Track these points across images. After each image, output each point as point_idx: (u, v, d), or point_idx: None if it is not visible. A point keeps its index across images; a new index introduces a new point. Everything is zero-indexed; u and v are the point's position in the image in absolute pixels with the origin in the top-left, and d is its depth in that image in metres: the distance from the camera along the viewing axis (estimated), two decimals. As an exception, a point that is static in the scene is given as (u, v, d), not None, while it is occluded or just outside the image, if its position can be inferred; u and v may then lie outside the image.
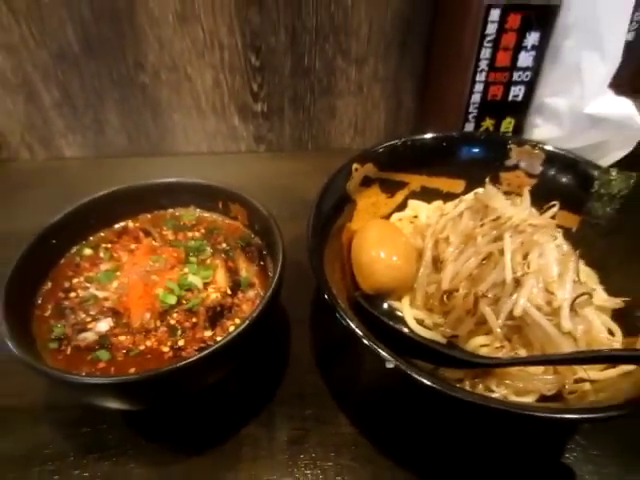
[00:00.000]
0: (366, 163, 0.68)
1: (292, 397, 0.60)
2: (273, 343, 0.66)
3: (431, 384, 0.42)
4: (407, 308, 0.59)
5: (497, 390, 0.51)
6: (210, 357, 0.46)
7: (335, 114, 1.00)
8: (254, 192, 0.88)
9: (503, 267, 0.52)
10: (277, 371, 0.63)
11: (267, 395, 0.60)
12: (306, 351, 0.65)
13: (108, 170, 0.98)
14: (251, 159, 1.03)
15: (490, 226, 0.55)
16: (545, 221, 0.55)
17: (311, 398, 0.60)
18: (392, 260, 0.59)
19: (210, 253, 0.61)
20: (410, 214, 0.71)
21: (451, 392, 0.42)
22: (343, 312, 0.48)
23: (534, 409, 0.43)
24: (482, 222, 0.56)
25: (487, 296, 0.52)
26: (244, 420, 0.58)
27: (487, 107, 0.79)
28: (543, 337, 0.51)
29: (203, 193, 0.66)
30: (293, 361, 0.64)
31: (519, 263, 0.52)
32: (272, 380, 0.62)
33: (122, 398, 0.48)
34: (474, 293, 0.52)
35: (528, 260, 0.52)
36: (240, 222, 0.65)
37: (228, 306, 0.55)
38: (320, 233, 0.59)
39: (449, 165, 0.73)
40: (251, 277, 0.58)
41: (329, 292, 0.50)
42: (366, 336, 0.46)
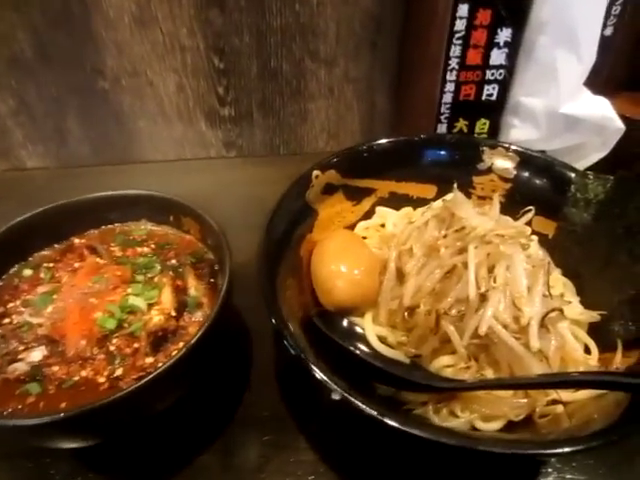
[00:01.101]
0: (328, 170, 0.64)
1: (250, 421, 0.56)
2: (231, 360, 0.62)
3: (378, 416, 0.38)
4: (369, 325, 0.55)
5: (462, 415, 0.46)
6: (146, 388, 0.42)
7: (307, 118, 0.96)
8: (223, 200, 0.86)
9: (467, 281, 0.48)
10: (235, 392, 0.59)
11: (223, 419, 0.56)
12: (267, 368, 0.61)
13: (72, 181, 0.94)
14: (221, 165, 0.99)
15: (454, 237, 0.51)
16: (514, 230, 0.51)
17: (271, 421, 0.56)
18: (353, 274, 0.55)
19: (159, 270, 0.57)
20: (377, 222, 0.67)
21: (402, 427, 0.38)
22: (290, 338, 0.44)
23: (491, 442, 0.38)
24: (445, 232, 0.52)
25: (449, 313, 0.48)
26: (198, 448, 0.54)
27: (460, 107, 0.75)
28: (510, 357, 0.47)
29: (154, 206, 0.62)
30: (253, 380, 0.60)
31: (484, 277, 0.48)
32: (229, 402, 0.58)
33: (48, 439, 0.44)
34: (436, 310, 0.48)
35: (494, 273, 0.48)
36: (193, 236, 0.61)
37: (172, 329, 0.50)
38: (275, 247, 0.55)
39: (419, 169, 0.69)
40: (200, 296, 0.54)
41: (276, 316, 0.46)
42: (314, 363, 0.42)
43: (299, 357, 0.43)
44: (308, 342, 0.48)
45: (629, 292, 0.52)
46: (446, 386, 0.45)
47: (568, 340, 0.49)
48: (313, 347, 0.47)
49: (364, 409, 0.39)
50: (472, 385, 0.45)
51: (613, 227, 0.55)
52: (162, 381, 0.43)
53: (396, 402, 0.50)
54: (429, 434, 0.37)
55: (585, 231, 0.59)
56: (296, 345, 0.44)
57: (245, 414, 0.57)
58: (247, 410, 0.57)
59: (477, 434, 0.44)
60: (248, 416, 0.57)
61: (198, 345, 0.45)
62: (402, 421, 0.39)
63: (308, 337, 0.49)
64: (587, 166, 0.70)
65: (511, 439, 0.43)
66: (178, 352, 0.44)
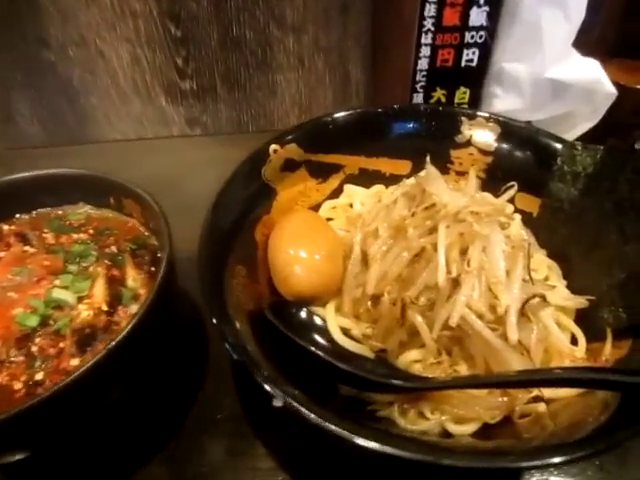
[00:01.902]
0: (288, 144, 0.58)
1: (203, 424, 0.51)
2: (183, 356, 0.56)
3: (323, 424, 0.32)
4: (331, 316, 0.49)
5: (432, 417, 0.41)
6: (64, 393, 0.36)
7: (276, 91, 0.89)
8: (187, 182, 0.79)
9: (436, 266, 0.42)
10: (187, 392, 0.53)
11: (173, 424, 0.51)
12: (224, 365, 0.55)
13: (24, 163, 0.85)
14: (185, 145, 0.92)
15: (423, 216, 0.45)
16: (490, 207, 0.45)
17: (226, 424, 0.51)
18: (313, 260, 0.49)
19: (94, 259, 0.50)
20: (345, 202, 0.61)
21: (350, 436, 0.32)
22: (232, 338, 0.38)
23: (460, 454, 0.33)
24: (413, 211, 0.45)
25: (417, 302, 0.42)
26: (143, 458, 0.48)
27: (437, 75, 0.68)
28: (486, 351, 0.41)
29: (92, 187, 0.55)
30: (208, 378, 0.55)
31: (456, 260, 0.42)
32: (180, 404, 0.52)
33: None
34: (402, 299, 0.42)
35: (468, 256, 0.42)
36: (136, 220, 0.55)
37: (103, 326, 0.44)
38: (224, 231, 0.49)
39: (391, 144, 0.63)
40: (137, 287, 0.48)
41: (216, 311, 0.40)
42: (257, 366, 0.36)
43: (242, 362, 0.37)
44: (258, 340, 0.42)
45: (619, 275, 0.46)
46: (410, 386, 0.39)
47: (552, 330, 0.44)
48: (264, 345, 0.41)
49: (308, 416, 0.33)
50: (441, 384, 0.40)
51: (602, 202, 0.49)
52: (85, 385, 0.38)
53: (360, 403, 0.44)
54: (380, 445, 0.31)
55: (572, 208, 0.53)
56: (238, 345, 0.38)
57: (198, 417, 0.51)
58: (200, 412, 0.52)
59: (444, 443, 0.38)
60: (201, 419, 0.51)
61: (127, 342, 0.39)
62: (352, 429, 0.33)
63: (258, 334, 0.43)
64: (575, 137, 0.64)
65: (486, 449, 0.37)
66: (103, 351, 0.38)
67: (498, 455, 0.34)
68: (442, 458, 0.31)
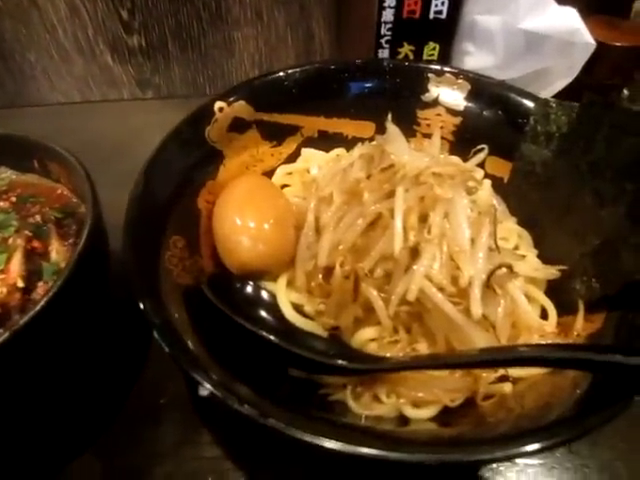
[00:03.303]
0: (236, 101, 0.52)
1: (144, 411, 0.46)
2: (123, 337, 0.51)
3: (256, 417, 0.28)
4: (282, 291, 0.44)
5: (388, 401, 0.37)
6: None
7: (233, 50, 0.82)
8: (138, 149, 0.71)
9: (393, 234, 0.37)
10: (127, 376, 0.48)
11: (110, 411, 0.46)
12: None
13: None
14: (136, 108, 0.85)
15: (380, 178, 0.40)
16: (453, 169, 0.41)
17: (169, 411, 0.46)
18: (262, 229, 0.44)
19: (14, 229, 0.44)
20: (302, 166, 0.56)
21: (284, 429, 0.28)
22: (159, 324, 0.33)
23: (416, 446, 0.29)
24: (368, 173, 0.41)
25: (371, 275, 0.37)
26: (75, 449, 0.44)
27: (403, 28, 0.63)
28: (448, 327, 0.37)
29: (13, 149, 0.49)
30: (151, 360, 0.50)
31: (414, 227, 0.37)
32: (118, 389, 0.47)
33: None
34: (354, 271, 0.37)
35: (428, 223, 0.38)
36: (64, 186, 0.49)
37: (16, 305, 0.39)
38: (159, 198, 0.43)
39: (353, 103, 0.58)
40: (61, 261, 0.42)
41: (140, 292, 0.34)
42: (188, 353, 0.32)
43: (172, 354, 0.32)
44: (193, 322, 0.37)
45: (593, 242, 0.43)
46: (363, 367, 0.35)
47: (520, 303, 0.40)
48: (201, 327, 0.37)
49: (238, 408, 0.29)
50: (398, 365, 0.36)
51: (577, 164, 0.45)
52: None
53: (311, 386, 0.40)
54: (326, 440, 0.27)
55: (545, 171, 0.49)
56: (169, 336, 0.33)
57: (138, 403, 0.47)
58: (140, 398, 0.47)
59: (398, 432, 0.34)
60: (141, 405, 0.47)
61: (39, 321, 0.34)
62: (288, 421, 0.29)
63: (195, 313, 0.38)
64: (551, 96, 0.59)
65: (449, 437, 0.33)
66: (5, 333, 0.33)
67: (459, 446, 0.30)
68: (396, 452, 0.27)
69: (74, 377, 0.45)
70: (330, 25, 0.81)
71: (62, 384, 0.44)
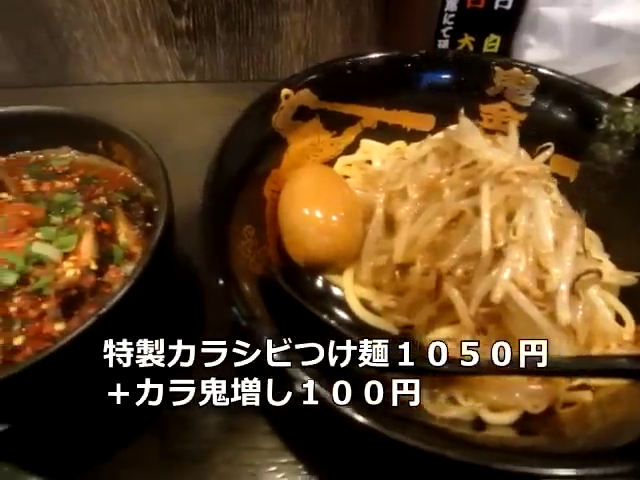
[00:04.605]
0: (301, 89, 0.51)
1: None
2: (178, 324, 0.50)
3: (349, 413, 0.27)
4: (349, 286, 0.43)
5: (464, 404, 0.36)
6: (48, 364, 0.31)
7: (280, 34, 0.80)
8: (179, 132, 0.71)
9: (479, 233, 0.36)
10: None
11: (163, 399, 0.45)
12: (222, 335, 0.50)
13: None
14: (178, 91, 0.84)
15: (462, 174, 0.39)
16: (538, 168, 0.39)
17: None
18: (330, 221, 0.44)
19: (80, 211, 0.44)
20: (362, 158, 0.55)
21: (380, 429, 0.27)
22: (241, 303, 0.32)
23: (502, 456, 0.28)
24: (451, 169, 0.40)
25: (454, 274, 0.36)
26: (130, 434, 0.43)
27: (466, 19, 0.61)
28: (531, 332, 0.36)
29: (78, 129, 0.48)
30: (204, 349, 0.49)
31: (501, 227, 0.36)
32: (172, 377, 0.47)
33: None
34: (437, 269, 0.37)
35: (514, 223, 0.37)
36: (127, 168, 0.48)
37: (90, 287, 0.38)
38: (229, 185, 0.42)
39: (414, 95, 0.56)
40: (131, 245, 0.42)
41: (223, 273, 0.34)
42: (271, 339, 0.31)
43: (251, 330, 0.32)
44: (267, 309, 0.36)
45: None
46: (448, 369, 0.34)
47: (599, 309, 0.39)
48: (274, 316, 0.36)
49: (334, 407, 0.28)
50: (482, 368, 0.35)
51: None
52: (71, 353, 0.32)
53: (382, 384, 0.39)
54: (413, 441, 0.27)
55: (617, 172, 0.48)
56: (248, 313, 0.33)
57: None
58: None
59: (480, 438, 0.34)
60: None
61: (120, 307, 0.33)
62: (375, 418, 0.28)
63: (268, 302, 0.37)
64: (620, 94, 0.58)
65: (524, 448, 0.33)
66: (93, 316, 0.33)
67: (538, 457, 0.30)
68: (484, 459, 0.27)
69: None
70: (379, 12, 0.79)
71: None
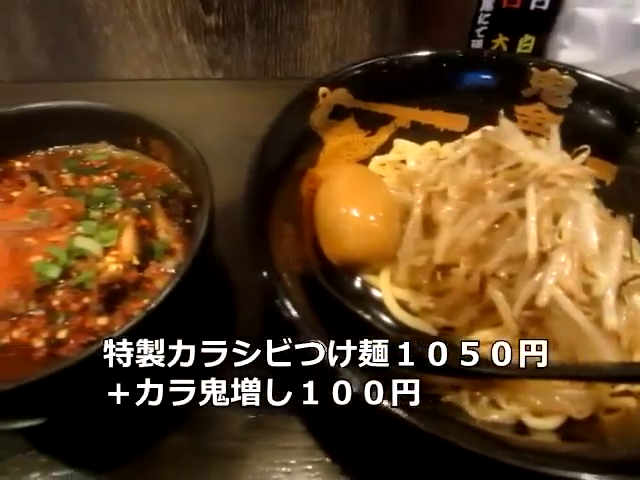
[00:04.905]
0: (338, 87, 0.51)
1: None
2: (209, 322, 0.50)
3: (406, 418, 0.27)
4: (386, 286, 0.43)
5: (507, 407, 0.36)
6: (95, 359, 0.31)
7: (308, 32, 0.80)
8: (206, 129, 0.71)
9: (524, 235, 0.36)
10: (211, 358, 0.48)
11: (196, 394, 0.45)
12: (254, 333, 0.50)
13: (25, 98, 0.78)
14: (205, 88, 0.84)
15: (506, 176, 0.39)
16: (583, 171, 0.39)
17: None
18: (368, 220, 0.43)
19: (120, 206, 0.44)
20: (396, 158, 0.55)
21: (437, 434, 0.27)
22: (286, 297, 0.32)
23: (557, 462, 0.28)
24: (494, 171, 0.39)
25: (499, 276, 0.36)
26: (163, 427, 0.43)
27: (501, 19, 0.60)
28: (575, 336, 0.36)
29: (116, 124, 0.48)
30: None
31: (548, 231, 0.36)
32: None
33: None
34: (481, 271, 0.36)
35: (559, 226, 0.37)
36: (165, 164, 0.48)
37: (133, 282, 0.39)
38: (269, 182, 0.42)
39: (448, 95, 0.56)
40: (171, 241, 0.42)
41: (268, 267, 0.34)
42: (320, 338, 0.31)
43: (293, 322, 0.32)
44: (309, 306, 0.36)
45: None
46: (489, 371, 0.34)
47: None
48: (315, 313, 0.36)
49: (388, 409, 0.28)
50: (525, 372, 0.34)
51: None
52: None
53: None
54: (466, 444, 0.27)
55: (657, 177, 0.47)
56: (292, 306, 0.33)
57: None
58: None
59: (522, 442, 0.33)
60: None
61: (166, 304, 0.34)
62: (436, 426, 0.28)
63: (308, 300, 0.37)
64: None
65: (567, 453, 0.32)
66: (140, 312, 0.33)
67: (577, 463, 0.29)
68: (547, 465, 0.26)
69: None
70: (406, 10, 0.79)
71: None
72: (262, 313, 0.51)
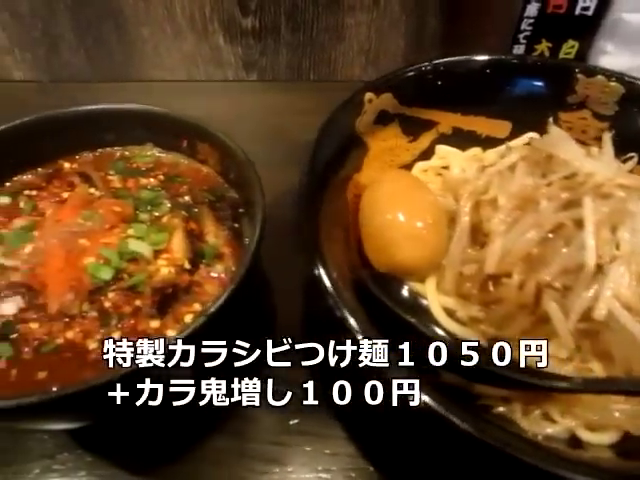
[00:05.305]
0: (384, 93, 0.50)
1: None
2: (249, 326, 0.51)
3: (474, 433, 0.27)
4: (433, 294, 0.43)
5: (561, 421, 0.36)
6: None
7: (344, 36, 0.80)
8: (239, 131, 0.71)
9: (581, 246, 0.36)
10: (253, 364, 0.48)
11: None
12: (295, 337, 0.50)
13: (64, 98, 0.79)
14: (239, 90, 0.85)
15: (561, 185, 0.39)
16: (637, 182, 0.38)
17: (297, 403, 0.46)
18: (416, 227, 0.43)
19: (168, 209, 0.45)
20: (438, 164, 0.54)
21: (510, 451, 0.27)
22: (345, 308, 0.32)
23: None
24: (549, 180, 0.39)
25: (555, 287, 0.36)
26: (209, 429, 0.44)
27: (545, 24, 0.60)
28: (632, 349, 0.35)
29: (163, 127, 0.49)
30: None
31: (606, 242, 0.36)
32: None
33: (16, 421, 0.34)
34: (537, 282, 0.36)
35: (617, 238, 0.36)
36: (211, 168, 0.48)
37: (184, 286, 0.39)
38: (317, 187, 0.42)
39: (492, 100, 0.56)
40: (220, 245, 0.42)
41: (325, 269, 0.34)
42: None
43: (345, 321, 0.32)
44: (360, 307, 0.36)
45: None
46: (561, 386, 0.33)
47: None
48: (367, 315, 0.36)
49: (455, 422, 0.28)
50: (581, 386, 0.34)
51: None
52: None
53: (465, 394, 0.39)
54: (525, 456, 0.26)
55: None
56: (346, 307, 0.33)
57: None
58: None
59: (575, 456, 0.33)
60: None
61: (221, 312, 0.34)
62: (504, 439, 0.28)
63: (358, 302, 0.37)
64: None
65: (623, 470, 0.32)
66: (196, 318, 0.33)
67: None
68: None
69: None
70: (442, 15, 0.78)
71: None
72: (302, 314, 0.51)
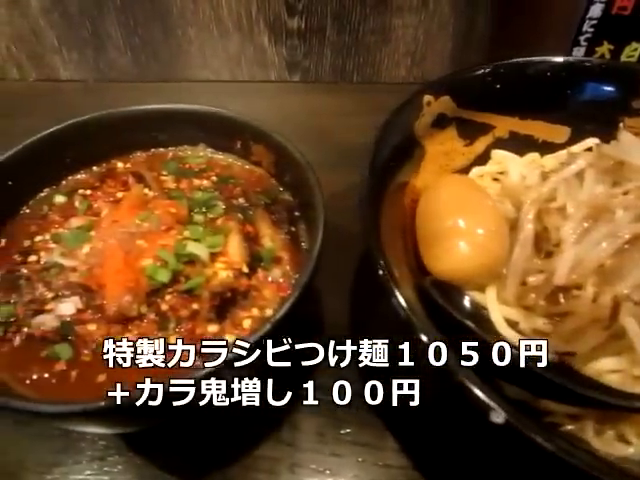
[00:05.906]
0: (442, 96, 0.49)
1: (324, 409, 0.44)
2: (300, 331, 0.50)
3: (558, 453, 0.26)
4: (494, 304, 0.41)
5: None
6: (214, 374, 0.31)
7: (390, 38, 0.79)
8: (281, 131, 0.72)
9: (663, 260, 0.34)
10: (304, 372, 0.47)
11: (291, 405, 0.44)
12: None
13: (109, 97, 0.80)
14: (282, 91, 0.84)
15: (638, 195, 0.37)
16: None
17: (349, 413, 0.45)
18: (476, 234, 0.42)
19: (222, 210, 0.44)
20: (495, 169, 0.53)
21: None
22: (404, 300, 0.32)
23: None
24: (625, 189, 0.37)
25: (635, 300, 0.34)
26: (260, 436, 0.43)
27: (608, 26, 0.57)
28: None
29: (216, 127, 0.49)
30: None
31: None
32: (298, 385, 0.46)
33: (74, 425, 0.33)
34: (615, 295, 0.34)
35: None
36: (264, 170, 0.48)
37: (243, 290, 0.38)
38: (377, 190, 0.41)
39: (551, 104, 0.54)
40: (277, 249, 0.41)
41: (391, 275, 0.33)
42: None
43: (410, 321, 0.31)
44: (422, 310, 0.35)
45: None
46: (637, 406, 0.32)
47: None
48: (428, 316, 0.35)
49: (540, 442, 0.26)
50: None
51: None
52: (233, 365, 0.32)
53: (531, 410, 0.37)
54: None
55: None
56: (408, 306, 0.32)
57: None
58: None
59: None
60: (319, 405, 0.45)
61: (283, 321, 0.33)
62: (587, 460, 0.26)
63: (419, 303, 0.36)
64: None
65: None
66: (258, 327, 0.33)
67: None
68: None
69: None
70: (491, 17, 0.76)
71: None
72: (351, 320, 0.50)
